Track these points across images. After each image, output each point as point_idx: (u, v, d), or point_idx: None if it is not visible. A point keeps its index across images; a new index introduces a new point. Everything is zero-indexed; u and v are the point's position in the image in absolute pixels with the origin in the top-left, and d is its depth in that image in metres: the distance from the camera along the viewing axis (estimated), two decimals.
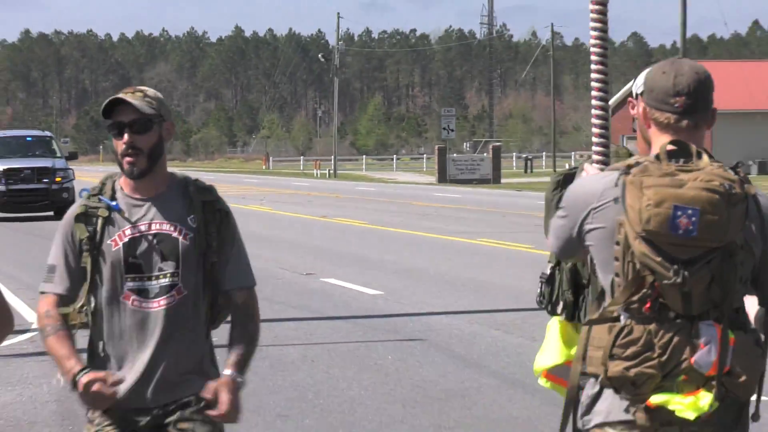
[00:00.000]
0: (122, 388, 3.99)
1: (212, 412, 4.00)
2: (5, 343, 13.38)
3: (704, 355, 3.38)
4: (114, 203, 4.25)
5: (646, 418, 3.46)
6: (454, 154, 66.86)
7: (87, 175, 44.19)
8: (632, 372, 3.40)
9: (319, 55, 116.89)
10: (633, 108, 4.23)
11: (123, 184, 4.25)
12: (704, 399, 3.40)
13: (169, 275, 4.10)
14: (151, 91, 4.35)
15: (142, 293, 4.12)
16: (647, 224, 3.32)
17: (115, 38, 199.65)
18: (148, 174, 4.20)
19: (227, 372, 4.07)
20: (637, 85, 4.15)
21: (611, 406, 3.52)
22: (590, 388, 3.59)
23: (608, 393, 3.51)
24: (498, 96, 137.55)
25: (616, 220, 3.42)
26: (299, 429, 8.13)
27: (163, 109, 4.28)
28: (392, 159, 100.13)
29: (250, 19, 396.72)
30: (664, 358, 3.39)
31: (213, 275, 4.16)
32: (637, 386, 3.44)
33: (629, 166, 3.47)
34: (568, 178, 4.50)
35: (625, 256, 3.42)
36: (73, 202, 30.11)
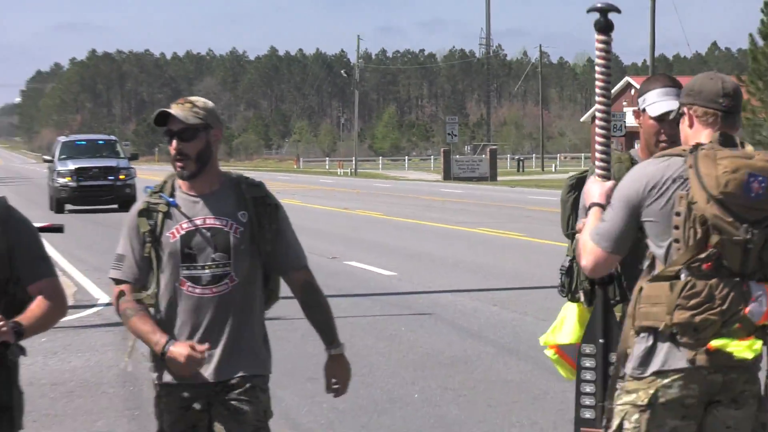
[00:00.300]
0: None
1: (335, 394, 4.15)
2: (75, 316, 13.37)
3: (756, 307, 3.50)
4: (172, 200, 4.15)
5: (706, 359, 3.50)
6: (457, 156, 66.05)
7: (145, 173, 44.04)
8: (697, 319, 3.47)
9: (342, 71, 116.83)
10: (638, 118, 4.27)
11: (181, 182, 4.17)
12: (757, 344, 3.52)
13: (221, 265, 3.99)
14: (200, 102, 4.20)
15: (196, 281, 4.02)
16: (725, 187, 3.41)
17: (168, 56, 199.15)
18: (197, 176, 4.10)
19: (333, 350, 4.16)
20: (642, 101, 4.19)
21: (666, 356, 3.55)
22: (643, 343, 3.58)
23: (662, 345, 3.54)
24: (494, 106, 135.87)
25: (678, 195, 3.50)
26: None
27: (210, 118, 4.15)
28: (404, 160, 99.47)
29: (283, 40, 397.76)
30: (724, 307, 3.46)
31: (269, 263, 4.06)
32: (699, 332, 3.50)
33: (694, 148, 3.54)
34: (580, 181, 4.40)
35: (687, 222, 3.50)
36: (134, 196, 29.70)
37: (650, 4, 49.91)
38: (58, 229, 8.17)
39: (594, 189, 3.93)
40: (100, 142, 35.93)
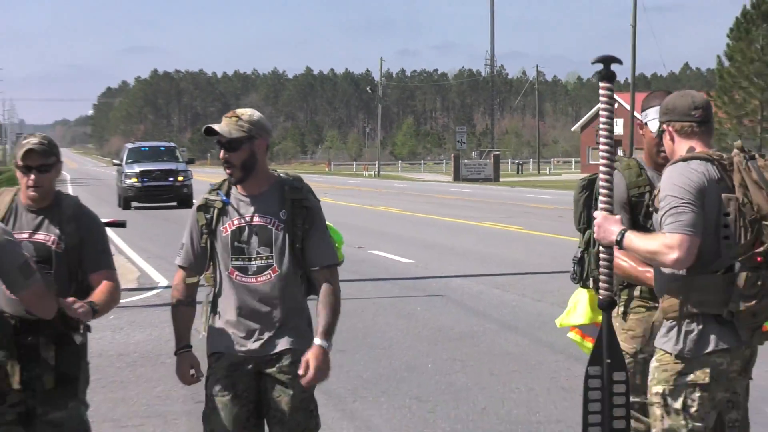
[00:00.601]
0: (233, 341, 3.89)
1: (302, 379, 3.79)
2: (138, 297, 13.31)
3: None
4: (226, 198, 4.07)
5: (758, 339, 3.52)
6: (465, 160, 65.05)
7: (200, 175, 43.57)
8: (757, 306, 3.42)
9: (368, 88, 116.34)
10: (641, 129, 4.16)
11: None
12: None
13: (265, 257, 3.90)
14: (246, 115, 4.03)
15: (243, 270, 3.93)
16: None
17: (219, 75, 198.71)
18: (244, 181, 3.99)
19: (316, 341, 3.87)
20: (644, 115, 4.09)
21: (718, 337, 3.46)
22: (693, 327, 3.48)
23: (714, 328, 3.46)
24: (497, 118, 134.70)
25: (725, 197, 3.43)
26: (353, 360, 7.96)
27: (254, 130, 3.98)
28: (420, 163, 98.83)
29: (317, 61, 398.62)
30: None
31: (302, 257, 3.94)
32: (757, 316, 3.47)
33: (723, 157, 3.50)
34: (591, 182, 4.23)
35: (737, 222, 3.42)
36: (190, 195, 29.50)
37: (631, 31, 49.79)
38: (121, 224, 8.08)
39: (610, 225, 3.65)
40: (162, 148, 35.10)
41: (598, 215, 3.70)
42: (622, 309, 4.11)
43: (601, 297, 3.72)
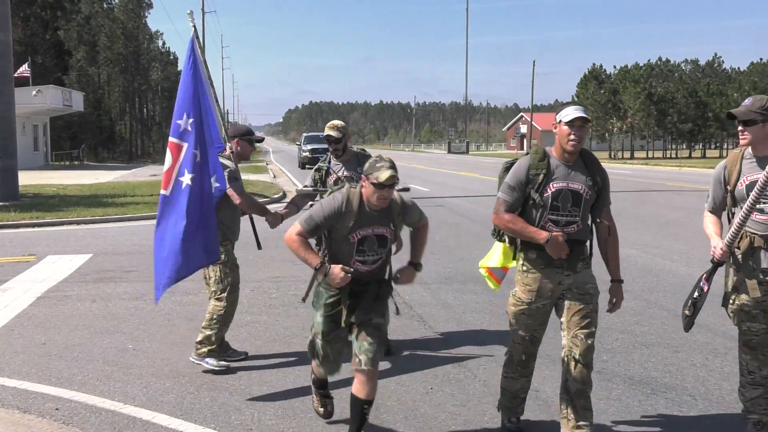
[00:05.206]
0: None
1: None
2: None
3: None
4: (329, 165, 6.14)
5: None
6: (453, 144, 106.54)
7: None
8: None
9: (409, 110, 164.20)
10: (555, 128, 4.39)
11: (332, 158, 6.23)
12: None
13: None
14: (340, 124, 6.13)
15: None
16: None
17: (339, 102, 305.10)
18: (341, 156, 6.15)
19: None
20: (559, 115, 4.35)
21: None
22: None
23: None
24: (468, 124, 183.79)
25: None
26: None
27: (344, 130, 6.11)
28: (431, 145, 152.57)
29: (382, 96, 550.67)
30: None
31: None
32: None
33: None
34: (511, 164, 4.54)
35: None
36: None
37: (531, 73, 74.81)
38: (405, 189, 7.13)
39: (714, 243, 4.58)
40: (321, 135, 43.74)
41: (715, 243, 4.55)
42: (523, 267, 4.54)
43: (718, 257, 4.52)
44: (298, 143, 50.43)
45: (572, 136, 4.31)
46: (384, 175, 4.28)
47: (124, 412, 5.39)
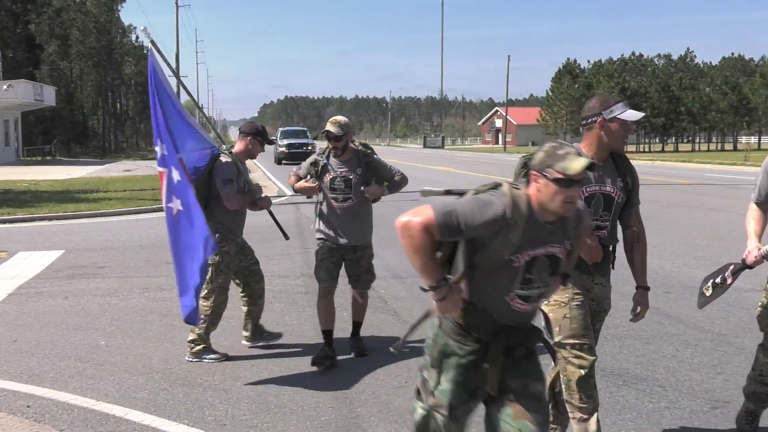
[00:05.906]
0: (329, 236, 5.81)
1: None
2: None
3: None
4: (327, 161, 5.97)
5: None
6: (429, 138, 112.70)
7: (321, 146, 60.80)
8: None
9: (384, 105, 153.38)
10: (596, 122, 3.94)
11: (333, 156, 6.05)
12: None
13: (346, 194, 5.85)
14: (342, 120, 5.98)
15: (335, 200, 6.03)
16: None
17: (315, 97, 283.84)
18: (341, 155, 6.01)
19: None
20: (609, 112, 3.92)
21: None
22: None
23: None
24: (444, 119, 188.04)
25: None
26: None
27: (347, 128, 5.96)
28: (408, 140, 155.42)
29: (357, 90, 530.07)
30: None
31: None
32: None
33: None
34: (529, 159, 3.46)
35: None
36: None
37: (506, 67, 70.57)
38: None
39: (750, 247, 4.57)
40: (298, 130, 49.28)
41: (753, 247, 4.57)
42: None
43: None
44: (273, 138, 51.03)
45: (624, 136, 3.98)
46: (577, 164, 2.99)
47: (96, 409, 5.40)
